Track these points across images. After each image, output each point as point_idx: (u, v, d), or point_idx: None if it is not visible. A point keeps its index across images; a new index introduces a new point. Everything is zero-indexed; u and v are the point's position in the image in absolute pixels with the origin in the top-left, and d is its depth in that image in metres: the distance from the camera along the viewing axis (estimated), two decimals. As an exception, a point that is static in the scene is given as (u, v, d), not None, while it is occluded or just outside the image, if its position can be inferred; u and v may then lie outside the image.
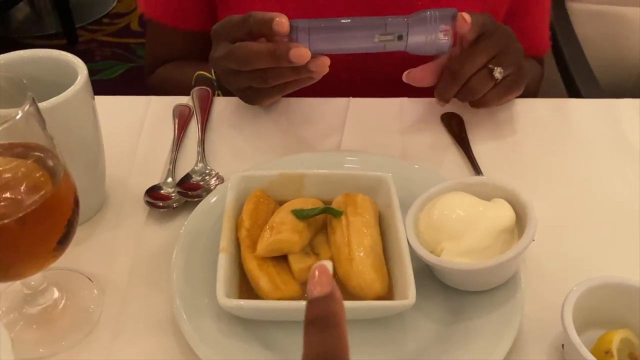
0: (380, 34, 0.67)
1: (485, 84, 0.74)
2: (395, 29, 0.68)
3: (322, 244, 0.59)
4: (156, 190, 0.69)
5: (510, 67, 0.74)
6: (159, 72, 1.01)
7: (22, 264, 0.49)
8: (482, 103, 0.77)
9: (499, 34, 0.74)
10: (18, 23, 2.85)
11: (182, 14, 0.95)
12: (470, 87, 0.74)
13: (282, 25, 0.66)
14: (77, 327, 0.57)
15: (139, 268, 0.62)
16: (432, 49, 0.70)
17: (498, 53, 0.73)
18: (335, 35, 0.68)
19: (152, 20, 0.97)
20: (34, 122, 0.46)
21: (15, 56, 0.61)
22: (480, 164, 0.75)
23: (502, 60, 0.73)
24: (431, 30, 0.68)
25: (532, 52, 1.01)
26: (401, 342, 0.56)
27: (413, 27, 0.68)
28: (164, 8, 0.96)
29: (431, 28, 0.68)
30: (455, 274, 0.57)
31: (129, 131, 0.79)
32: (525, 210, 0.57)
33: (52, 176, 0.48)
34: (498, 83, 0.74)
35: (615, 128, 0.82)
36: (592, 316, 0.56)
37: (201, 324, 0.54)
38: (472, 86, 0.74)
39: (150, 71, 1.02)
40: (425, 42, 0.69)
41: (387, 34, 0.68)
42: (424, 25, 0.68)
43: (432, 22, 0.68)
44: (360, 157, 0.71)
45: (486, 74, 0.73)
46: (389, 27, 0.68)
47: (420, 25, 0.68)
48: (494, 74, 0.73)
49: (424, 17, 0.68)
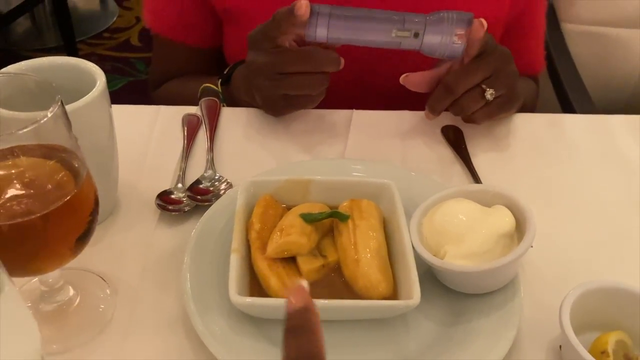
0: (398, 29, 0.69)
1: (475, 102, 0.77)
2: (413, 25, 0.69)
3: (329, 247, 0.61)
4: (167, 194, 0.71)
5: (502, 89, 0.77)
6: (164, 88, 1.03)
7: (43, 259, 0.51)
8: (472, 120, 0.80)
9: (497, 54, 0.77)
10: (19, 36, 2.87)
11: (188, 30, 0.97)
12: (461, 104, 0.77)
13: (300, 7, 0.69)
14: (90, 325, 0.59)
15: (150, 269, 0.64)
16: (445, 52, 0.71)
17: (493, 74, 0.76)
18: (354, 24, 0.69)
19: (159, 35, 0.99)
20: (60, 124, 0.48)
21: (36, 63, 0.63)
22: (479, 174, 0.77)
23: (495, 82, 0.76)
24: (447, 31, 0.70)
25: (527, 71, 1.05)
26: (404, 342, 0.58)
27: (430, 26, 0.69)
28: (171, 23, 0.98)
29: (447, 30, 0.70)
30: (457, 276, 0.59)
31: (139, 139, 0.81)
32: (524, 217, 0.60)
33: (75, 177, 0.50)
34: (488, 103, 0.77)
35: (607, 142, 0.85)
36: (587, 319, 0.58)
37: (213, 322, 0.56)
38: (463, 103, 0.76)
39: (156, 86, 1.04)
40: (439, 43, 0.70)
41: (405, 29, 0.69)
42: (440, 25, 0.69)
43: (449, 23, 0.69)
44: (365, 165, 0.74)
45: (478, 94, 0.76)
46: (407, 23, 0.69)
47: (438, 25, 0.69)
48: (485, 94, 0.76)
49: (442, 18, 0.70)
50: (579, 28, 1.35)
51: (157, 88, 1.05)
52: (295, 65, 0.74)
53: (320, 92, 0.77)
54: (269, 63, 0.75)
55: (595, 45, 1.36)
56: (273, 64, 0.75)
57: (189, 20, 0.96)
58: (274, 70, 0.75)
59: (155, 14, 0.99)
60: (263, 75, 0.77)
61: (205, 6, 0.93)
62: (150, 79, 1.07)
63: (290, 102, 0.79)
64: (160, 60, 1.05)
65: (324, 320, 0.58)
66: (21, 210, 0.47)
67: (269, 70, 0.76)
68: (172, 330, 0.59)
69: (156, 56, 1.05)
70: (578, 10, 1.34)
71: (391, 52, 0.76)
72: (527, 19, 0.99)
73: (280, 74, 0.75)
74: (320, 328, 0.38)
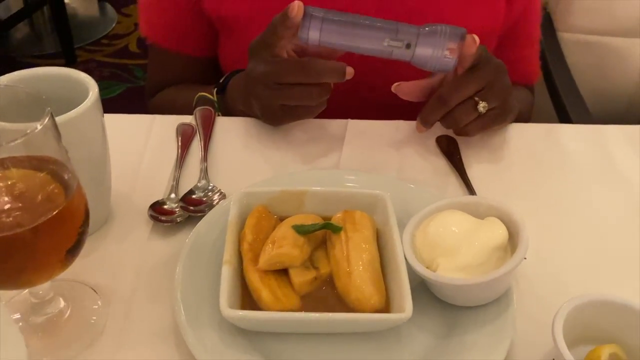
0: (390, 38, 0.69)
1: (468, 114, 0.76)
2: (406, 36, 0.69)
3: (322, 259, 0.61)
4: (160, 205, 0.71)
5: (495, 102, 0.77)
6: (159, 96, 1.03)
7: (33, 271, 0.51)
8: (464, 132, 0.80)
9: (490, 67, 0.77)
10: (17, 42, 2.88)
11: (184, 39, 0.98)
12: (453, 116, 0.76)
13: (293, 9, 0.69)
14: (81, 337, 0.58)
15: (142, 280, 0.64)
16: (436, 65, 0.71)
17: (486, 86, 0.76)
18: (346, 30, 0.69)
19: (155, 44, 1.00)
20: (50, 136, 0.48)
21: (29, 73, 0.63)
22: (474, 184, 0.77)
23: (488, 95, 0.76)
24: (439, 45, 0.69)
25: (522, 81, 1.05)
26: (397, 354, 0.57)
27: (423, 38, 0.69)
28: (166, 33, 0.98)
29: (439, 43, 0.69)
30: (450, 288, 0.59)
31: (133, 148, 0.81)
32: (517, 229, 0.59)
33: (66, 188, 0.50)
34: (481, 115, 0.77)
35: (603, 152, 0.85)
36: (581, 332, 0.58)
37: (204, 335, 0.56)
38: (455, 115, 0.76)
39: (152, 94, 1.04)
40: (431, 56, 0.70)
41: (397, 39, 0.69)
42: (433, 38, 0.69)
43: (441, 37, 0.69)
44: (359, 175, 0.74)
45: (470, 106, 0.76)
46: (399, 34, 0.69)
47: (430, 37, 0.69)
48: (478, 107, 0.75)
49: (435, 30, 0.70)
50: (576, 37, 1.35)
51: (153, 96, 1.05)
52: (293, 76, 0.74)
53: (320, 103, 0.77)
54: (267, 72, 0.75)
55: (591, 54, 1.36)
56: (271, 74, 0.75)
57: (184, 29, 0.96)
58: (272, 79, 0.75)
59: (151, 23, 0.99)
60: (262, 84, 0.76)
61: (200, 15, 0.93)
62: (147, 87, 1.07)
63: (289, 112, 0.78)
64: (156, 69, 1.05)
65: (317, 332, 0.58)
66: (10, 223, 0.47)
67: (267, 79, 0.75)
68: (164, 342, 0.59)
69: (152, 65, 1.06)
70: (574, 19, 1.34)
71: (386, 63, 0.76)
72: (522, 29, 0.99)
73: (278, 84, 0.75)
74: None
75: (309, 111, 0.78)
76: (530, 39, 1.03)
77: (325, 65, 0.73)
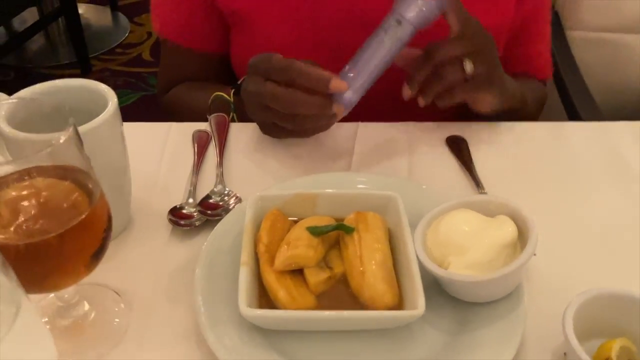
0: (385, 31, 0.73)
1: (454, 73, 0.77)
2: (390, 18, 0.73)
3: (336, 259, 0.62)
4: (178, 210, 0.73)
5: (481, 67, 0.77)
6: (172, 93, 1.03)
7: (59, 276, 0.53)
8: (449, 96, 0.79)
9: (480, 37, 0.79)
10: (33, 54, 2.93)
11: (196, 35, 0.98)
12: (439, 74, 0.77)
13: (343, 86, 0.72)
14: (105, 339, 0.61)
15: (162, 283, 0.66)
16: (431, 13, 0.74)
17: (474, 51, 0.77)
18: (365, 70, 0.72)
19: (167, 40, 1.00)
20: (74, 146, 0.50)
21: (51, 85, 0.65)
22: (484, 183, 0.78)
23: (476, 58, 0.77)
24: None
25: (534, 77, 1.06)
26: (410, 351, 0.59)
27: (401, 5, 0.73)
28: (179, 29, 0.98)
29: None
30: (461, 286, 0.60)
31: (152, 156, 0.83)
32: (526, 226, 0.61)
33: (89, 196, 0.52)
34: (468, 80, 0.77)
35: (612, 149, 0.86)
36: (592, 326, 0.59)
37: (224, 334, 0.57)
38: (441, 73, 0.77)
39: (164, 91, 1.05)
40: (419, 10, 0.73)
41: (389, 27, 0.73)
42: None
43: None
44: (370, 177, 0.75)
45: (457, 65, 0.77)
46: (385, 22, 0.73)
47: (409, 2, 0.73)
48: (465, 66, 0.76)
49: None
50: (584, 34, 1.36)
51: (165, 93, 1.05)
52: (279, 104, 0.74)
53: (316, 128, 0.78)
54: (256, 93, 0.76)
55: (600, 51, 1.37)
56: (260, 95, 0.75)
57: (197, 25, 0.97)
58: (260, 101, 0.76)
59: (163, 19, 1.00)
60: (253, 103, 0.78)
61: (212, 11, 0.94)
62: (159, 84, 1.08)
63: (282, 130, 0.79)
64: (169, 66, 1.05)
65: (332, 330, 0.60)
66: (37, 230, 0.49)
67: (256, 100, 0.77)
68: (185, 342, 0.60)
69: (164, 61, 1.06)
70: (583, 16, 1.35)
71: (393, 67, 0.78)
72: (532, 26, 1.00)
73: (266, 106, 0.76)
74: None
75: (303, 133, 0.79)
76: (541, 36, 1.04)
77: (314, 104, 0.73)
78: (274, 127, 0.79)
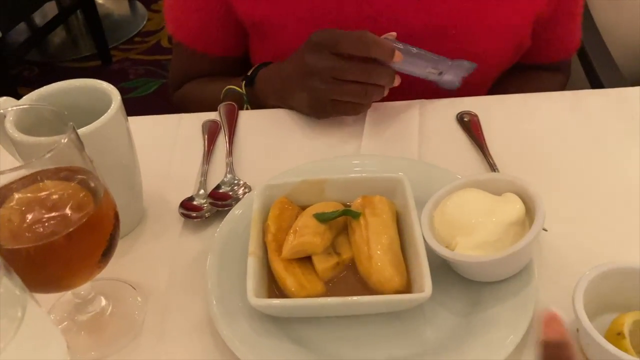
0: (432, 67, 0.83)
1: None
2: (441, 67, 0.84)
3: (344, 244, 0.63)
4: (189, 201, 0.74)
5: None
6: (185, 89, 1.04)
7: (72, 275, 0.55)
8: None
9: None
10: (55, 48, 2.97)
11: (212, 41, 0.98)
12: None
13: (399, 56, 0.79)
14: (123, 332, 0.62)
15: (177, 275, 0.67)
16: (448, 86, 0.86)
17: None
18: (409, 60, 0.81)
19: (182, 43, 1.01)
20: (74, 148, 0.51)
21: (56, 87, 0.66)
22: (496, 159, 0.77)
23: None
24: (458, 75, 0.85)
25: (558, 58, 1.03)
26: (422, 333, 0.59)
27: (451, 69, 0.84)
28: (195, 35, 0.98)
29: (459, 74, 0.85)
30: (468, 266, 0.60)
31: (163, 148, 0.84)
32: (534, 204, 0.60)
33: (94, 195, 0.53)
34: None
35: (631, 117, 0.84)
36: (605, 301, 0.58)
37: (236, 324, 0.58)
38: None
39: (177, 87, 1.06)
40: (449, 81, 0.85)
41: (436, 68, 0.83)
42: (457, 70, 0.84)
43: (461, 70, 0.85)
44: (379, 159, 0.75)
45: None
46: (439, 64, 0.83)
47: (455, 69, 0.84)
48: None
49: (460, 64, 0.85)
50: (604, -4, 1.32)
51: (177, 89, 1.06)
52: (356, 75, 0.78)
53: (368, 103, 0.82)
54: (328, 67, 0.78)
55: (621, 12, 1.32)
56: (334, 69, 0.78)
57: (213, 32, 0.97)
58: (331, 74, 0.78)
59: (178, 23, 1.00)
60: (319, 78, 0.79)
61: (230, 19, 0.94)
62: (171, 81, 1.08)
63: (337, 107, 0.82)
64: (182, 66, 1.06)
65: (342, 315, 0.60)
66: (46, 232, 0.51)
67: (326, 74, 0.79)
68: (201, 331, 0.62)
69: (177, 60, 1.07)
70: (601, -22, 1.31)
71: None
72: (563, 9, 0.97)
73: (335, 79, 0.78)
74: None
75: (357, 108, 0.82)
76: (571, 16, 1.01)
77: (384, 70, 0.79)
78: (329, 104, 0.81)
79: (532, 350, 0.58)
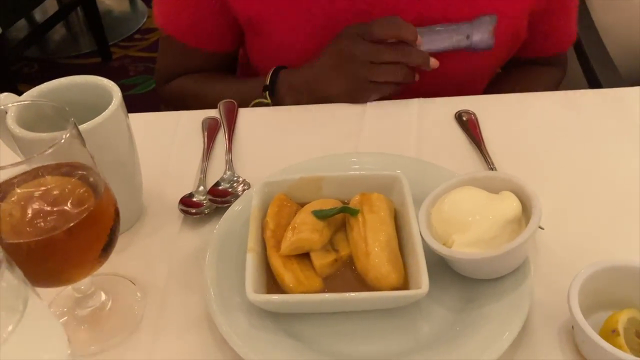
0: (458, 34, 0.89)
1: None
2: (466, 30, 0.89)
3: (342, 241, 0.63)
4: (189, 198, 0.74)
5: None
6: (175, 84, 1.03)
7: (72, 270, 0.55)
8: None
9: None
10: (55, 45, 2.97)
11: (205, 37, 0.97)
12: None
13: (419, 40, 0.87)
14: (123, 327, 0.63)
15: (176, 271, 0.68)
16: (484, 46, 0.90)
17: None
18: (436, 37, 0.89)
19: (172, 37, 0.99)
20: (76, 143, 0.51)
21: (57, 84, 0.67)
22: (494, 158, 0.78)
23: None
24: (485, 30, 0.89)
25: (553, 51, 1.04)
26: (418, 329, 0.60)
27: (476, 28, 0.89)
28: (186, 29, 0.97)
29: (485, 28, 0.89)
30: (465, 263, 0.61)
31: (162, 145, 0.84)
32: (530, 202, 0.60)
33: (94, 191, 0.54)
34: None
35: (626, 117, 0.84)
36: (600, 298, 0.59)
37: (234, 319, 0.59)
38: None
39: (165, 81, 1.04)
40: (480, 39, 0.89)
41: (461, 34, 0.89)
42: (481, 26, 0.89)
43: (485, 24, 0.89)
44: (377, 157, 0.76)
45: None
46: (463, 29, 0.89)
47: (479, 26, 0.89)
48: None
49: (481, 21, 0.89)
50: (602, -5, 1.32)
51: (164, 84, 1.04)
52: (391, 56, 0.84)
53: (403, 82, 0.87)
54: (365, 52, 0.84)
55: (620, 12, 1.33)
56: (372, 53, 0.84)
57: (206, 27, 0.96)
58: (370, 58, 0.84)
59: (169, 17, 0.99)
60: (358, 62, 0.85)
61: (223, 15, 0.94)
62: (158, 73, 1.07)
63: (376, 88, 0.87)
64: (172, 59, 1.04)
65: (340, 311, 0.61)
66: (47, 227, 0.51)
67: (364, 58, 0.84)
68: (199, 326, 0.62)
69: (166, 54, 1.05)
70: (600, -23, 1.31)
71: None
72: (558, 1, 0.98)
73: (372, 63, 0.84)
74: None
75: (394, 88, 0.87)
76: (566, 9, 1.02)
77: (418, 52, 0.86)
78: (369, 85, 0.86)
79: (527, 347, 0.58)
